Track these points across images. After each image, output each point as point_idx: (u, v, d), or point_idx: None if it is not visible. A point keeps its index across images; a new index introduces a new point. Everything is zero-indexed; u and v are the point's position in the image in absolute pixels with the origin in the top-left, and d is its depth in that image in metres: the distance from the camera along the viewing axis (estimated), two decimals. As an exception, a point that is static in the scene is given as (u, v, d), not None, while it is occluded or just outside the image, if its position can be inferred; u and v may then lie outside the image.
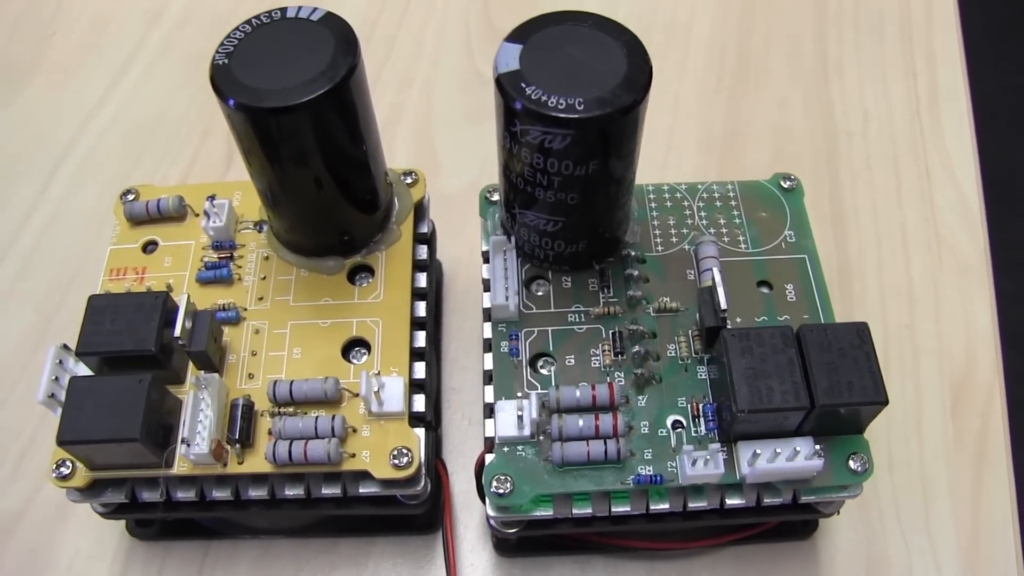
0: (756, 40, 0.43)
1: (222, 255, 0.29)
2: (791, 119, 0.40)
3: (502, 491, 0.24)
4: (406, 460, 0.25)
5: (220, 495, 0.25)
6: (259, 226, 0.29)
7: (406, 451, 0.25)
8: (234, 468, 0.25)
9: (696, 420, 0.25)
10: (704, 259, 0.27)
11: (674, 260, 0.28)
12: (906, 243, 0.37)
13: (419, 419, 0.26)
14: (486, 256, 0.28)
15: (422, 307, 0.28)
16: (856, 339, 0.24)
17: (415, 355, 0.27)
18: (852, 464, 0.24)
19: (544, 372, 0.26)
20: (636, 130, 0.23)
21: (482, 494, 0.25)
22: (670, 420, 0.25)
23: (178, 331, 0.25)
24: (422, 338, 0.27)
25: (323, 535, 0.30)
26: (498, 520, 0.25)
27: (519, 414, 0.24)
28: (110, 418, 0.23)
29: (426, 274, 0.29)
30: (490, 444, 0.25)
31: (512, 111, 0.22)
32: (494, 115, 0.24)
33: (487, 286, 0.27)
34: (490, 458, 0.25)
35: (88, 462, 0.25)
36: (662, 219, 0.29)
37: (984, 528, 0.30)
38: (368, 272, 0.28)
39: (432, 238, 0.31)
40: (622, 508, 0.25)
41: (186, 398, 0.25)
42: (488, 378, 0.26)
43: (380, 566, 0.30)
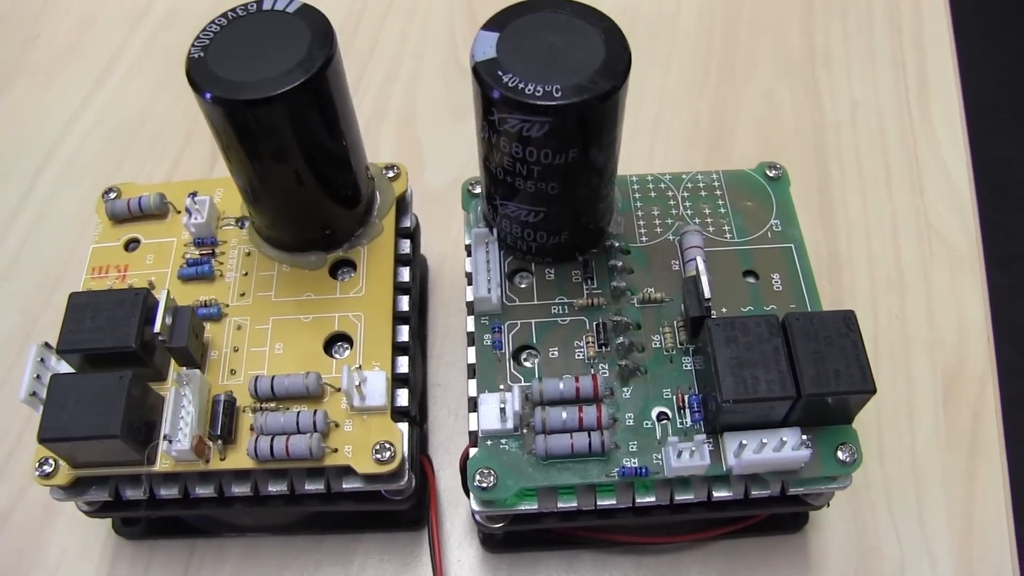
0: (742, 31, 0.43)
1: (204, 252, 0.29)
2: (779, 110, 0.40)
3: (485, 485, 0.24)
4: (388, 455, 0.24)
5: (203, 492, 0.25)
6: (240, 222, 0.29)
7: (389, 446, 0.25)
8: (216, 464, 0.25)
9: (681, 411, 0.25)
10: (689, 249, 0.27)
11: (659, 251, 0.28)
12: (896, 233, 0.36)
13: (402, 414, 0.26)
14: (469, 249, 0.28)
15: (405, 301, 0.28)
16: (843, 327, 0.23)
17: (398, 349, 0.27)
18: (840, 455, 0.24)
19: (528, 365, 0.26)
20: (616, 117, 0.23)
21: (467, 489, 0.25)
22: (655, 412, 0.25)
23: (158, 327, 0.25)
24: (405, 332, 0.27)
25: (309, 532, 0.30)
26: (483, 515, 0.25)
27: (502, 407, 0.24)
28: (91, 415, 0.23)
29: (409, 268, 0.29)
30: (474, 438, 0.25)
31: (489, 99, 0.22)
32: (474, 109, 0.24)
33: (470, 279, 0.27)
34: (474, 452, 0.24)
35: (70, 460, 0.25)
36: (646, 209, 0.29)
37: (978, 519, 0.30)
38: (350, 267, 0.28)
39: (415, 232, 0.30)
40: (608, 501, 0.24)
41: (168, 395, 0.25)
42: (471, 371, 0.26)
43: (366, 563, 0.30)
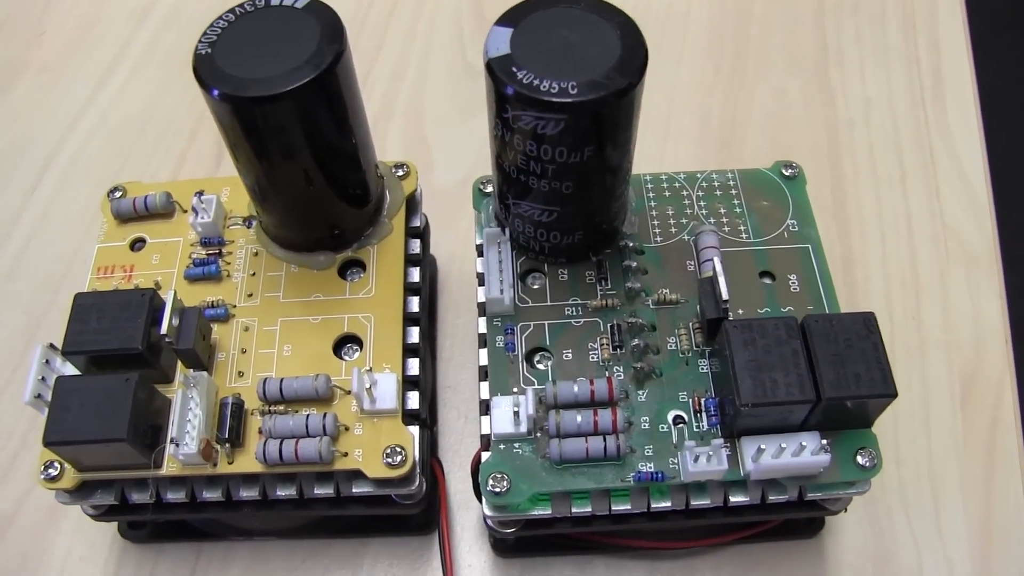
0: (754, 29, 0.43)
1: (211, 251, 0.28)
2: (790, 108, 0.40)
3: (499, 490, 0.23)
4: (400, 459, 0.24)
5: (211, 496, 0.25)
6: (248, 222, 0.29)
7: (400, 449, 0.24)
8: (224, 468, 0.24)
9: (698, 415, 0.24)
10: (704, 249, 0.27)
11: (673, 251, 0.27)
12: (911, 233, 0.36)
13: (413, 416, 0.25)
14: (480, 249, 0.27)
15: (415, 302, 0.27)
16: (863, 330, 0.23)
17: (408, 351, 0.26)
18: (860, 459, 0.23)
19: (541, 367, 0.25)
20: (632, 115, 0.23)
21: (479, 493, 0.24)
22: (671, 415, 0.24)
23: (165, 328, 0.24)
24: (415, 334, 0.27)
25: (317, 536, 0.30)
26: (495, 520, 0.25)
27: (515, 410, 0.24)
28: (97, 418, 0.23)
29: (419, 268, 0.28)
30: (486, 441, 0.24)
31: (503, 96, 0.22)
32: (486, 108, 0.23)
33: (481, 280, 0.27)
34: (486, 456, 0.24)
35: (76, 463, 0.24)
36: (660, 209, 0.28)
37: (997, 523, 0.29)
38: (359, 267, 0.28)
39: (425, 232, 0.30)
40: (622, 506, 0.24)
41: (174, 397, 0.24)
42: (483, 374, 0.25)
43: (375, 568, 0.29)
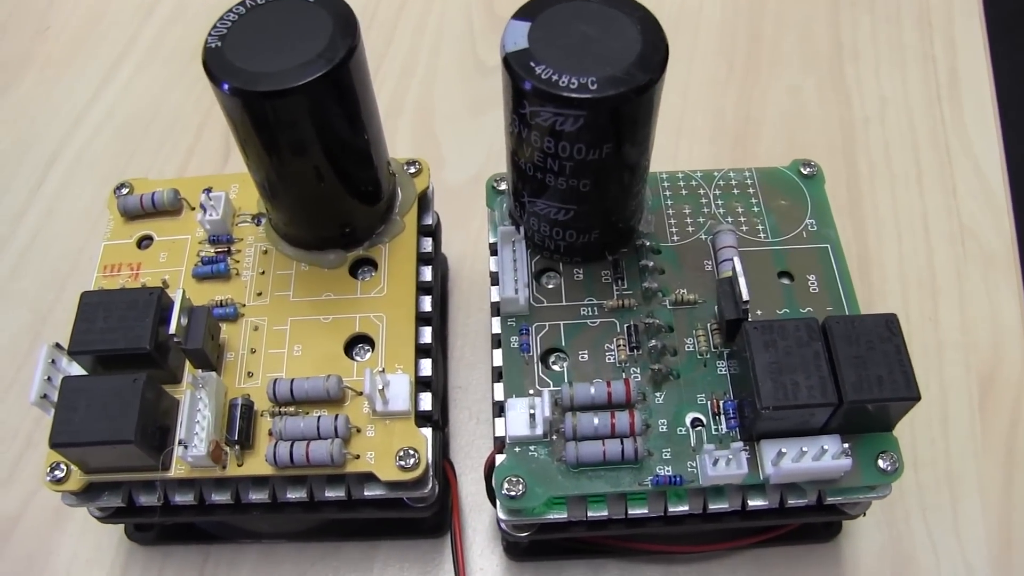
0: (767, 26, 0.42)
1: (219, 249, 0.28)
2: (805, 106, 0.39)
3: (514, 493, 0.23)
4: (413, 461, 0.24)
5: (219, 499, 0.25)
6: (257, 219, 0.28)
7: (412, 452, 0.24)
8: (233, 470, 0.24)
9: (717, 418, 0.24)
10: (722, 249, 0.26)
11: (690, 250, 0.27)
12: (928, 233, 0.35)
13: (426, 418, 0.25)
14: (494, 248, 0.27)
15: (427, 301, 0.27)
16: (885, 331, 0.23)
17: (421, 352, 0.26)
18: (881, 463, 0.23)
19: (556, 368, 0.25)
20: (652, 111, 0.22)
21: (492, 496, 0.24)
22: (689, 418, 0.24)
23: (173, 328, 0.24)
24: (428, 334, 0.26)
25: (326, 539, 0.29)
26: (509, 523, 0.24)
27: (531, 412, 0.23)
28: (104, 419, 0.23)
29: (431, 267, 0.28)
30: (500, 444, 0.24)
31: (521, 92, 0.21)
32: (498, 106, 0.23)
33: (495, 279, 0.26)
34: (500, 459, 0.24)
35: (82, 465, 0.24)
36: (677, 208, 0.28)
37: (1017, 527, 0.29)
38: (371, 265, 0.27)
39: (437, 230, 0.30)
40: (639, 510, 0.24)
41: (183, 398, 0.24)
42: (497, 375, 0.25)
43: (386, 571, 0.29)
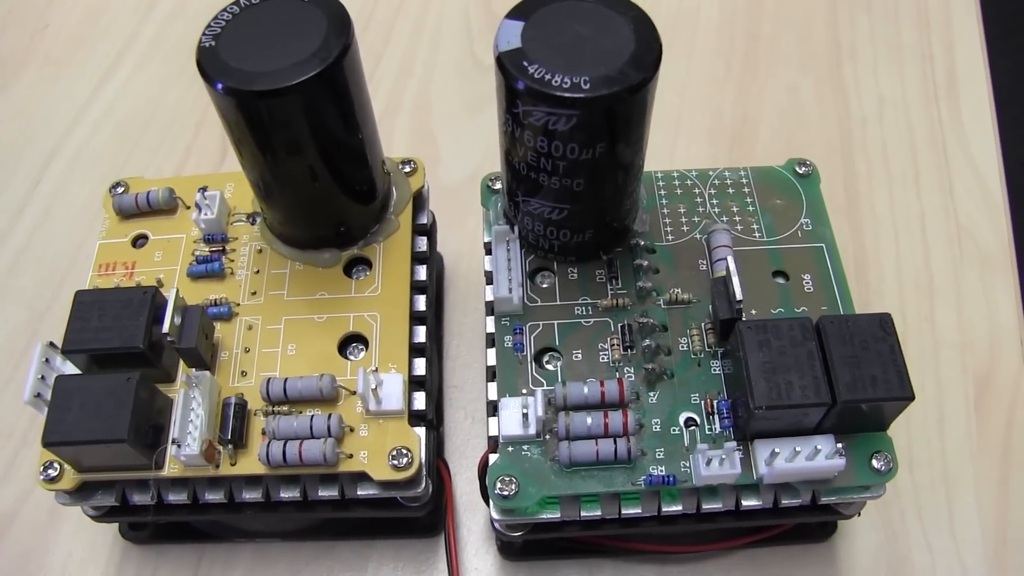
0: (765, 25, 0.42)
1: (214, 248, 0.28)
2: (803, 106, 0.39)
3: (507, 493, 0.23)
4: (406, 460, 0.24)
5: (213, 498, 0.25)
6: (252, 218, 0.28)
7: (406, 451, 0.24)
8: (227, 470, 0.24)
9: (710, 417, 0.24)
10: (717, 248, 0.26)
11: (685, 250, 0.27)
12: (925, 233, 0.35)
13: (419, 418, 0.25)
14: (488, 247, 0.27)
15: (422, 301, 0.27)
16: (879, 331, 0.23)
17: (415, 351, 0.26)
18: (875, 463, 0.23)
19: (550, 368, 0.25)
20: (645, 111, 0.22)
21: (486, 496, 0.24)
22: (683, 417, 0.24)
23: (167, 327, 0.24)
24: (422, 333, 0.26)
25: (321, 538, 0.29)
26: (503, 523, 0.24)
27: (524, 412, 0.23)
28: (97, 418, 0.23)
29: (426, 266, 0.28)
30: (494, 443, 0.24)
31: (514, 91, 0.21)
32: (494, 104, 0.23)
33: (489, 278, 0.26)
34: (494, 458, 0.24)
35: (76, 464, 0.24)
36: (672, 207, 0.28)
37: (1012, 527, 0.29)
38: (365, 265, 0.27)
39: (432, 229, 0.30)
40: (633, 510, 0.24)
41: (176, 397, 0.24)
42: (491, 374, 0.25)
43: (380, 570, 0.29)
